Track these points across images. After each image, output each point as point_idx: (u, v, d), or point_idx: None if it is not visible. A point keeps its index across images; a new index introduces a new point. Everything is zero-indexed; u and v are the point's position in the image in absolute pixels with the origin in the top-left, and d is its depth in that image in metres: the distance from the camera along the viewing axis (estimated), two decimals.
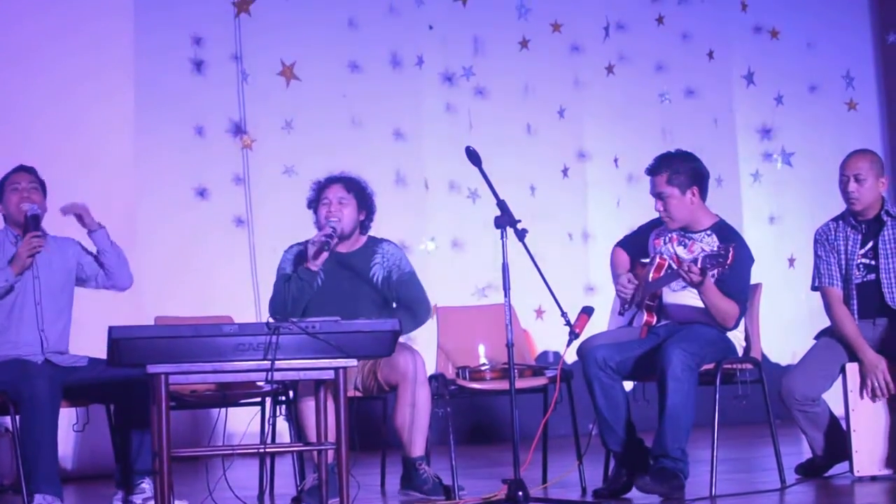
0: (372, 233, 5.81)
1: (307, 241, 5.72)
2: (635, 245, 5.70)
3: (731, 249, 5.03)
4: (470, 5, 9.18)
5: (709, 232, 5.47)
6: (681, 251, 5.46)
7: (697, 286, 5.17)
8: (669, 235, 5.52)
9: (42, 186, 5.51)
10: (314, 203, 5.74)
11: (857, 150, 5.66)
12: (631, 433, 5.33)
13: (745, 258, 5.30)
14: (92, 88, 7.51)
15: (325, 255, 5.50)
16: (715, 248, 5.14)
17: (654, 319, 5.47)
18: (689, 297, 5.42)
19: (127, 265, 5.58)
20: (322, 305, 5.49)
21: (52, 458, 5.06)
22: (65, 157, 7.17)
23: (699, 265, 5.06)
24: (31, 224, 5.33)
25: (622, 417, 5.30)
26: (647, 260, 5.55)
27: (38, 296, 5.38)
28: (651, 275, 5.46)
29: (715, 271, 5.07)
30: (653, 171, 5.51)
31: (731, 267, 5.07)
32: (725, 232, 5.46)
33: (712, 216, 5.53)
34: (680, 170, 5.45)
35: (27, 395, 4.99)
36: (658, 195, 5.46)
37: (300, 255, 5.63)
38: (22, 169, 5.52)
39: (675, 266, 5.37)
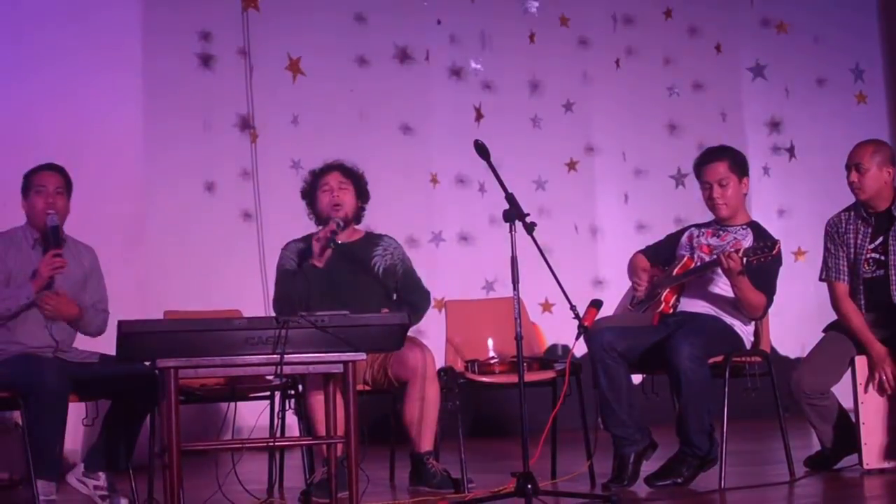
0: (381, 225, 5.83)
1: (307, 236, 5.74)
2: (659, 253, 5.75)
3: (778, 243, 5.18)
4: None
5: (744, 227, 5.56)
6: (714, 241, 5.54)
7: (733, 274, 5.21)
8: (703, 230, 5.60)
9: (68, 188, 5.46)
10: (310, 192, 5.75)
11: (862, 141, 5.66)
12: (632, 416, 5.34)
13: (779, 256, 5.38)
14: (100, 83, 7.53)
15: (329, 250, 5.53)
16: (756, 242, 5.31)
17: (671, 310, 5.50)
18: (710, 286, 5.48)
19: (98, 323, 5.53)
20: (323, 294, 5.50)
21: (57, 447, 5.07)
22: (73, 153, 7.16)
23: (741, 255, 5.17)
24: (52, 237, 5.30)
25: (624, 399, 5.33)
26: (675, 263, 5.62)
27: None
28: (675, 271, 5.52)
29: (754, 259, 5.18)
30: (714, 158, 5.61)
31: (768, 262, 5.16)
32: (761, 230, 5.55)
33: (748, 215, 5.68)
34: (737, 160, 5.64)
35: (36, 388, 5.00)
36: (719, 181, 5.56)
37: (304, 252, 5.63)
38: (50, 168, 5.47)
39: (704, 256, 5.43)
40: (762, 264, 5.24)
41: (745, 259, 5.19)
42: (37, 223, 5.40)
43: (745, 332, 5.54)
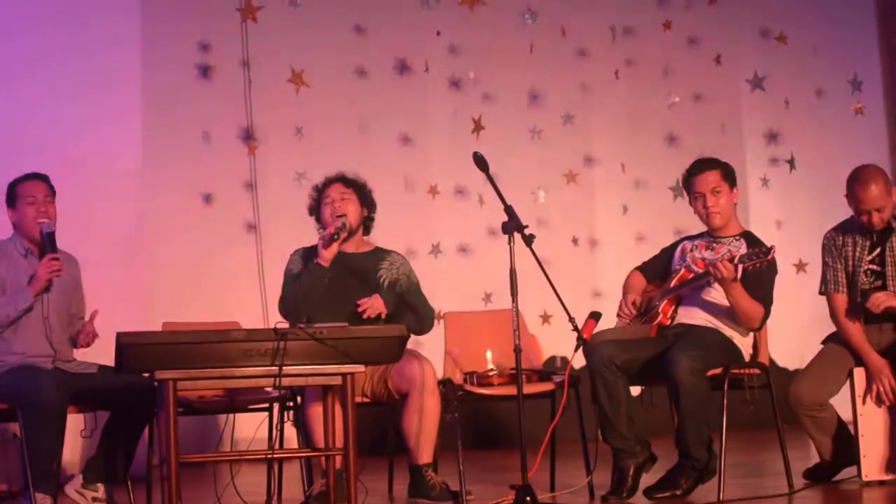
0: (380, 237, 5.83)
1: (315, 246, 5.74)
2: (655, 268, 5.75)
3: (773, 249, 5.17)
4: (477, 11, 9.18)
5: (737, 237, 5.56)
6: (708, 255, 5.54)
7: (726, 283, 5.21)
8: (696, 243, 5.60)
9: (54, 195, 5.48)
10: (316, 207, 5.76)
11: (862, 179, 5.48)
12: (632, 428, 5.34)
13: (774, 265, 5.39)
14: (99, 94, 7.54)
15: (335, 248, 5.53)
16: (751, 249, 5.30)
17: (668, 322, 5.50)
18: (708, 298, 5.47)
19: None
20: (328, 306, 5.50)
21: (55, 461, 5.06)
22: (73, 164, 7.19)
23: (735, 262, 5.17)
24: (48, 243, 5.31)
25: (623, 412, 5.34)
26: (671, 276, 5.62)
27: (46, 311, 5.38)
28: (671, 283, 5.52)
29: (749, 265, 5.17)
30: (705, 167, 5.60)
31: (762, 271, 5.16)
32: (755, 240, 5.55)
33: (740, 226, 5.67)
34: (728, 169, 5.63)
35: (34, 401, 5.00)
36: (712, 190, 5.55)
37: (309, 253, 5.65)
38: (36, 177, 5.48)
39: (698, 270, 5.43)
40: (757, 272, 5.24)
41: (740, 266, 5.19)
42: (29, 232, 5.40)
43: (744, 343, 5.54)
